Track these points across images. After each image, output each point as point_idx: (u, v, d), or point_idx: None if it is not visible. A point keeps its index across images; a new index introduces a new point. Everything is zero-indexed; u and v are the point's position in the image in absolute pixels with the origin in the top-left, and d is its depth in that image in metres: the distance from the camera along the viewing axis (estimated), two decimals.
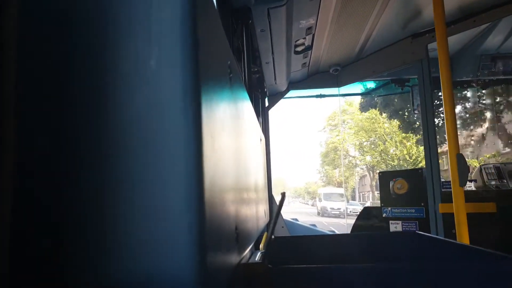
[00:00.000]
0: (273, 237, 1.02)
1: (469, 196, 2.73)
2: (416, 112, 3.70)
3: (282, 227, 3.56)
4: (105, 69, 0.32)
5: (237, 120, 0.64)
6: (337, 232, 3.97)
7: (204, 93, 0.34)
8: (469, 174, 1.98)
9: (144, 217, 0.30)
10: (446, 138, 1.93)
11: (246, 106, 0.80)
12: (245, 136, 0.73)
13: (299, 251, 0.98)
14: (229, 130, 0.53)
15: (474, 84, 3.66)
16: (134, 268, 0.29)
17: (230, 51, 0.59)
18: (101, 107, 0.32)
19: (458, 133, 1.96)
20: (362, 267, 0.54)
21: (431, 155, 2.84)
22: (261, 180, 1.14)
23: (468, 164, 1.91)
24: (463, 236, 1.90)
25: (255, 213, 0.82)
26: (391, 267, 0.55)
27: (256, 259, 1.10)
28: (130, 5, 0.33)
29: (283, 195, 0.78)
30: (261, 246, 1.36)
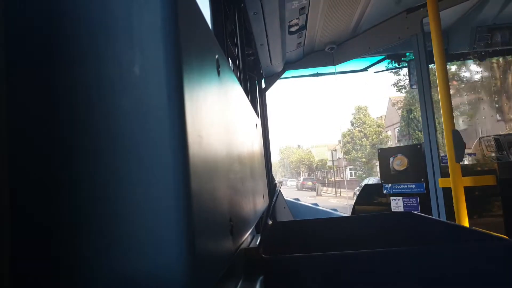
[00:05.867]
0: (269, 222, 1.04)
1: (469, 170, 2.74)
2: (414, 87, 3.68)
3: (284, 208, 3.60)
4: (89, 77, 0.33)
5: (228, 112, 0.65)
6: (338, 210, 4.01)
7: (188, 94, 0.35)
8: (466, 148, 1.98)
9: (131, 216, 0.31)
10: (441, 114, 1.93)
11: (237, 96, 0.81)
12: (237, 126, 0.73)
13: (299, 234, 1.00)
14: (219, 124, 0.54)
15: (470, 57, 3.62)
16: (124, 266, 0.31)
17: (217, 45, 0.59)
18: (90, 112, 0.33)
19: None
20: (348, 253, 0.55)
21: (429, 130, 2.84)
22: (258, 165, 1.15)
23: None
24: (461, 212, 1.93)
25: (252, 200, 0.83)
26: (373, 252, 0.57)
27: (257, 242, 1.13)
28: (110, 12, 0.33)
29: (276, 184, 0.79)
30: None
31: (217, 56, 0.57)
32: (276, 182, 3.50)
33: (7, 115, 0.32)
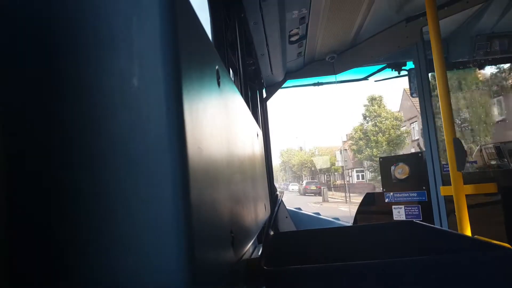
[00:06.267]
0: (271, 233, 1.04)
1: (470, 178, 2.74)
2: (414, 95, 3.68)
3: (286, 217, 3.59)
4: (89, 84, 0.33)
5: (229, 123, 0.65)
6: (340, 218, 3.99)
7: (187, 106, 0.35)
8: (467, 156, 1.99)
9: (129, 226, 0.31)
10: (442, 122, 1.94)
11: (238, 107, 0.81)
12: (238, 137, 0.74)
13: (300, 245, 0.99)
14: (220, 135, 0.54)
15: (470, 65, 3.64)
16: (124, 271, 0.31)
17: (218, 57, 0.60)
18: (89, 115, 0.33)
19: None
20: (350, 265, 0.55)
21: (430, 138, 2.84)
22: (259, 175, 1.15)
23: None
24: (463, 220, 1.92)
25: (253, 211, 0.83)
26: (375, 263, 0.56)
27: (259, 253, 1.12)
28: (109, 24, 0.34)
29: (277, 196, 0.79)
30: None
31: (217, 67, 0.57)
32: (277, 193, 3.49)
33: (7, 115, 0.32)
